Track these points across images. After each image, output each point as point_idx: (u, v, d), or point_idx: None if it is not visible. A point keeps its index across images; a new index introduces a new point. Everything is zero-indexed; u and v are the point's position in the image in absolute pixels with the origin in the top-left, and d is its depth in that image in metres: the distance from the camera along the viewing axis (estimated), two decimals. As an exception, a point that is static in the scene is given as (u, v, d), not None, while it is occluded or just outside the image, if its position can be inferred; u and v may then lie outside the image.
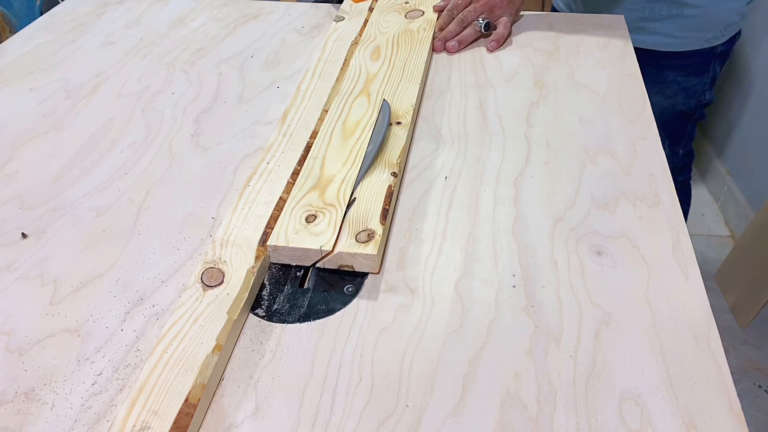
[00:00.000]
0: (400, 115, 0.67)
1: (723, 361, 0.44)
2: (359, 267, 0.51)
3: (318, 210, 0.54)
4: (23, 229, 0.57)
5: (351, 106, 0.68)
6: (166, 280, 0.52)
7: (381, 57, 0.77)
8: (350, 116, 0.66)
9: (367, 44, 0.80)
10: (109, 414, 0.42)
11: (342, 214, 0.54)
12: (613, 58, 0.78)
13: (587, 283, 0.50)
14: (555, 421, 0.41)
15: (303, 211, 0.54)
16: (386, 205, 0.55)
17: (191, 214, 0.58)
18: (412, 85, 0.72)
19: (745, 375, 1.36)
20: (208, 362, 0.43)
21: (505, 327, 0.47)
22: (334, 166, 0.59)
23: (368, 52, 0.78)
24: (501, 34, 0.81)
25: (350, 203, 0.55)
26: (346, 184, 0.57)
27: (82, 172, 0.64)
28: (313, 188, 0.57)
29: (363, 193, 0.56)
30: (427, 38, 0.81)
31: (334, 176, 0.58)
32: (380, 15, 0.87)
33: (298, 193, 0.56)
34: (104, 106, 0.73)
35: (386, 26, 0.84)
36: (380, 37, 0.82)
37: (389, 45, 0.80)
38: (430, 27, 0.84)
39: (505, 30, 0.82)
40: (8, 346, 0.47)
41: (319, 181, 0.58)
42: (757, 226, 1.42)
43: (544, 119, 0.69)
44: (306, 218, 0.53)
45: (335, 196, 0.56)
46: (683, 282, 0.50)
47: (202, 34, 0.87)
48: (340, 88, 0.71)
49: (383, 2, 0.91)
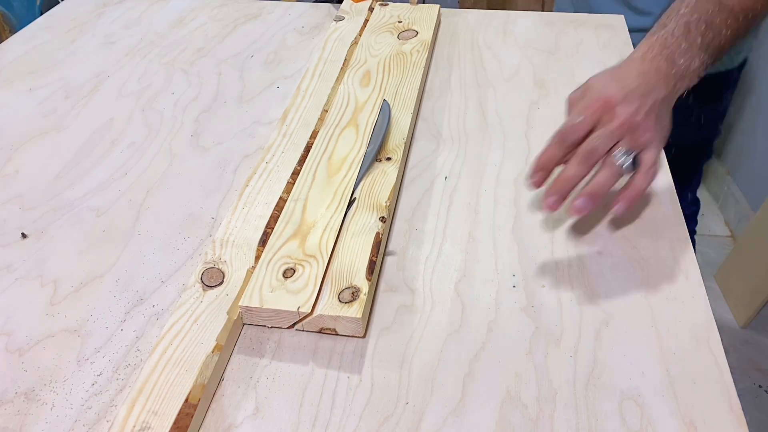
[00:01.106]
0: (390, 149, 0.61)
1: (723, 361, 0.44)
2: (342, 330, 0.46)
3: (297, 263, 0.49)
4: (23, 229, 0.57)
5: (338, 139, 0.62)
6: (166, 280, 0.52)
7: (371, 83, 0.71)
8: (336, 150, 0.61)
9: (357, 68, 0.74)
10: (109, 414, 0.42)
11: (324, 267, 0.49)
12: (613, 58, 0.78)
13: (587, 283, 0.50)
14: (555, 421, 0.41)
15: (281, 264, 0.49)
16: (373, 257, 0.50)
17: (191, 214, 0.58)
18: (404, 114, 0.66)
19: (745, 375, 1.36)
20: (208, 362, 0.43)
21: (505, 327, 0.47)
22: (316, 210, 0.54)
23: (358, 77, 0.72)
24: (642, 181, 0.50)
25: (350, 203, 0.55)
26: (329, 231, 0.52)
27: (82, 172, 0.64)
28: (293, 236, 0.52)
29: (347, 242, 0.51)
30: (420, 62, 0.75)
31: (316, 222, 0.53)
32: (371, 35, 0.81)
33: (277, 242, 0.51)
34: (104, 106, 0.73)
35: (378, 48, 0.78)
36: (371, 60, 0.76)
37: (380, 69, 0.74)
38: (425, 49, 0.77)
39: (650, 172, 0.50)
40: (8, 346, 0.47)
41: (300, 227, 0.53)
42: (757, 226, 1.42)
43: (544, 119, 0.69)
44: (284, 272, 0.48)
45: (317, 245, 0.51)
46: (683, 282, 0.50)
47: (202, 34, 0.87)
48: (327, 119, 0.66)
49: (375, 21, 0.85)
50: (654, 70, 0.52)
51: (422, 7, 0.87)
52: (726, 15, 0.53)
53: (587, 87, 0.53)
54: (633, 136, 0.50)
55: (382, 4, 0.88)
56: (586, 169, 0.50)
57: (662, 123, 0.53)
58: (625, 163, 0.50)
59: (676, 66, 0.52)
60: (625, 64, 0.54)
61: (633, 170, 0.50)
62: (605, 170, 0.50)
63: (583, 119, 0.51)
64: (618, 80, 0.52)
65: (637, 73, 0.52)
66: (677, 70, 0.52)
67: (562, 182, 0.50)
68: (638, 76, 0.52)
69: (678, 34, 0.52)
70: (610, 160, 0.50)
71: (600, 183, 0.50)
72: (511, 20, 0.88)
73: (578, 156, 0.50)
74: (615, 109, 0.50)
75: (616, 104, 0.50)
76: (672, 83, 0.52)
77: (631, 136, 0.50)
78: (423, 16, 0.84)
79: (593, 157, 0.50)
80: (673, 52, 0.52)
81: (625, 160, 0.50)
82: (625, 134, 0.50)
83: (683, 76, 0.52)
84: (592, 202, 0.49)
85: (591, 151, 0.50)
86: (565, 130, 0.52)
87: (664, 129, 0.53)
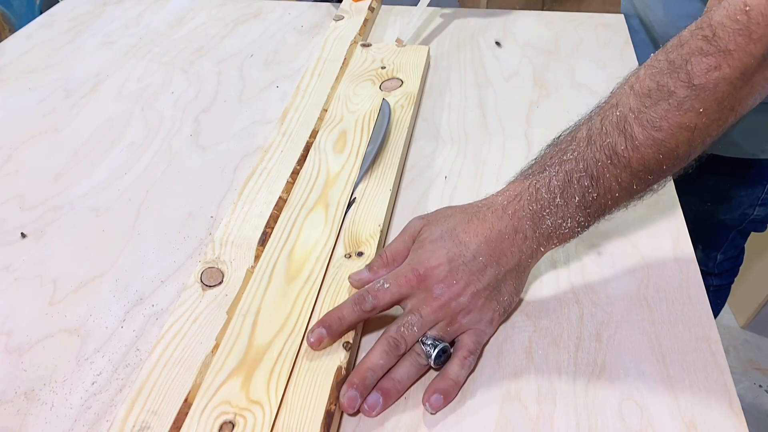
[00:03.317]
0: (363, 240, 0.51)
1: (723, 361, 0.44)
2: None
3: (238, 413, 0.39)
4: (22, 228, 0.57)
5: (302, 226, 0.52)
6: (165, 279, 0.52)
7: (347, 147, 0.60)
8: (300, 242, 0.50)
9: (332, 127, 0.63)
10: (108, 414, 0.42)
11: (271, 421, 0.39)
12: (613, 57, 0.78)
13: (587, 283, 0.50)
14: (555, 421, 0.41)
15: (216, 414, 0.39)
16: (330, 406, 0.40)
17: (191, 213, 0.58)
18: (382, 191, 0.56)
19: (745, 375, 1.36)
20: (207, 362, 0.43)
21: (505, 327, 0.47)
22: (268, 330, 0.44)
23: (331, 140, 0.62)
24: (457, 372, 0.42)
25: (350, 203, 0.55)
26: (282, 364, 0.42)
27: (81, 171, 0.64)
28: (236, 369, 0.42)
29: (302, 379, 0.41)
30: (405, 119, 0.64)
31: (266, 348, 0.43)
32: (350, 85, 0.70)
33: (216, 379, 0.41)
34: (104, 105, 0.73)
35: (356, 101, 0.67)
36: (348, 117, 0.65)
37: (358, 129, 0.62)
38: (410, 104, 0.66)
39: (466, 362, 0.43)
40: (8, 346, 0.47)
41: (245, 356, 0.42)
42: (756, 225, 1.42)
43: (544, 119, 0.69)
44: (220, 427, 0.39)
45: (265, 386, 0.40)
46: (683, 282, 0.50)
47: (202, 34, 0.87)
48: (292, 194, 0.55)
49: (355, 66, 0.74)
50: (512, 230, 0.44)
51: (409, 50, 0.76)
52: (619, 171, 0.42)
53: (422, 238, 0.46)
54: (450, 321, 0.43)
55: (365, 45, 0.78)
56: (390, 361, 0.42)
57: (501, 298, 0.45)
58: (432, 355, 0.42)
59: (540, 228, 0.44)
60: (482, 213, 0.45)
61: (442, 361, 0.43)
62: (406, 362, 0.43)
63: (389, 288, 0.43)
64: (455, 243, 0.44)
65: (486, 237, 0.44)
66: (542, 231, 0.44)
67: (362, 374, 0.41)
68: (485, 242, 0.44)
69: (555, 185, 0.43)
70: (415, 349, 0.43)
71: (396, 378, 0.42)
72: (511, 20, 0.88)
73: (383, 344, 0.42)
74: (433, 288, 0.43)
75: (435, 282, 0.43)
76: (533, 246, 0.44)
77: (448, 320, 0.43)
78: (410, 61, 0.74)
79: (399, 348, 0.42)
80: (542, 209, 0.43)
81: (429, 352, 0.42)
82: (441, 318, 0.43)
83: (550, 237, 0.44)
84: (384, 400, 0.41)
85: (397, 342, 0.42)
86: (365, 294, 0.43)
87: (502, 304, 0.45)
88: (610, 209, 0.44)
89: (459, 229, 0.45)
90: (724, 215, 0.86)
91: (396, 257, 0.46)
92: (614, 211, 0.45)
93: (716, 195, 0.84)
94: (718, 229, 0.89)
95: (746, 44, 0.37)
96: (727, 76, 0.38)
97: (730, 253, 0.93)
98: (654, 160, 0.41)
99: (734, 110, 0.40)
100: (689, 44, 0.40)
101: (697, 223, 0.62)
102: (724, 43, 0.38)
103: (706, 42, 0.39)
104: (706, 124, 0.40)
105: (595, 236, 0.54)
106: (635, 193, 0.44)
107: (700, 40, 0.39)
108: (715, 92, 0.39)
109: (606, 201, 0.43)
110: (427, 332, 0.43)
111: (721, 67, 0.38)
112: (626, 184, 0.42)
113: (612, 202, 0.44)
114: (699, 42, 0.39)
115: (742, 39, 0.37)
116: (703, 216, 0.86)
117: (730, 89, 0.39)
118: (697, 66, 0.39)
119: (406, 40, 0.79)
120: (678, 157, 0.41)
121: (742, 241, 0.91)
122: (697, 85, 0.39)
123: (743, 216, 0.85)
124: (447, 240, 0.44)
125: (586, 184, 0.42)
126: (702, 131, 0.40)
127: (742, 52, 0.38)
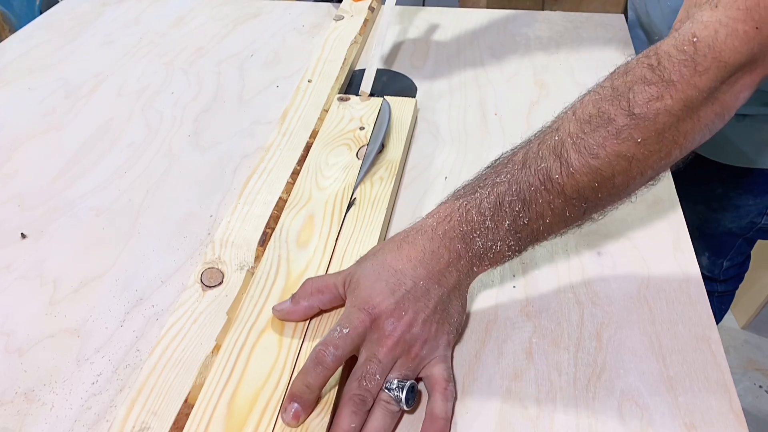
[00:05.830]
0: None
1: (723, 361, 0.44)
2: None
3: None
4: (22, 229, 0.57)
5: (250, 354, 0.43)
6: (165, 280, 0.52)
7: (312, 238, 0.51)
8: (245, 380, 0.41)
9: (297, 209, 0.54)
10: (108, 414, 0.42)
11: None
12: (613, 57, 0.78)
13: (587, 283, 0.50)
14: (555, 421, 0.41)
15: None
16: None
17: (191, 214, 0.58)
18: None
19: (745, 375, 1.36)
20: (207, 362, 0.43)
21: (505, 327, 0.47)
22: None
23: (295, 228, 0.52)
24: (442, 406, 0.41)
25: (350, 204, 0.55)
26: None
27: (81, 171, 0.64)
28: None
29: None
30: (384, 196, 0.55)
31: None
32: (321, 152, 0.59)
33: None
34: (103, 105, 0.73)
35: (329, 173, 0.57)
36: (317, 195, 0.55)
37: (328, 212, 0.53)
38: (391, 175, 0.57)
39: (446, 392, 0.41)
40: (8, 346, 0.47)
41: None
42: (756, 225, 1.42)
43: (544, 119, 0.68)
44: None
45: None
46: (683, 282, 0.50)
47: (202, 34, 0.87)
48: (239, 312, 0.46)
49: (330, 127, 0.63)
50: (444, 250, 0.42)
51: (394, 103, 0.66)
52: (552, 197, 0.40)
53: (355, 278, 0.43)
54: (408, 355, 0.41)
55: (342, 99, 0.67)
56: (361, 420, 0.40)
57: (451, 319, 0.44)
58: (402, 398, 0.40)
59: (472, 249, 0.43)
60: (412, 237, 0.44)
61: (414, 402, 0.41)
62: (377, 414, 0.40)
63: (349, 333, 0.40)
64: (391, 273, 0.42)
65: (420, 260, 0.42)
66: (474, 252, 0.43)
67: None
68: (421, 265, 0.42)
69: (486, 208, 0.42)
70: (382, 398, 0.40)
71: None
72: (511, 20, 0.88)
73: (349, 405, 0.39)
74: (384, 325, 0.41)
75: (385, 318, 0.41)
76: (467, 266, 0.43)
77: (406, 356, 0.41)
78: (394, 118, 0.64)
79: (367, 404, 0.40)
80: (472, 230, 0.42)
81: (399, 396, 0.40)
82: (399, 355, 0.41)
83: (482, 258, 0.43)
84: None
85: (363, 397, 0.40)
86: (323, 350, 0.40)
87: (453, 325, 0.44)
88: (543, 235, 0.43)
89: (390, 259, 0.43)
90: (732, 223, 0.85)
91: (322, 289, 0.44)
92: (549, 237, 0.43)
93: (724, 203, 0.83)
94: (726, 237, 0.89)
95: (690, 76, 0.36)
96: (669, 107, 0.37)
97: (735, 260, 0.93)
98: (589, 188, 0.40)
99: (678, 143, 0.39)
100: (634, 72, 0.39)
101: (704, 231, 0.61)
102: (668, 73, 0.37)
103: (650, 70, 0.38)
104: (644, 155, 0.39)
105: (595, 236, 0.54)
106: (570, 221, 0.42)
107: (645, 68, 0.38)
108: (655, 123, 0.38)
109: (538, 227, 0.42)
110: (388, 376, 0.41)
111: (663, 98, 0.37)
112: (559, 210, 0.41)
113: (544, 228, 0.42)
114: (644, 70, 0.38)
115: (686, 70, 0.36)
116: (711, 224, 0.86)
117: (671, 121, 0.38)
118: (639, 94, 0.38)
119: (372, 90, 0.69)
120: (614, 186, 0.40)
121: (748, 248, 0.91)
122: (637, 114, 0.38)
123: (751, 224, 0.85)
124: (382, 273, 0.42)
125: (517, 209, 0.41)
126: (640, 162, 0.39)
127: (685, 83, 0.37)
